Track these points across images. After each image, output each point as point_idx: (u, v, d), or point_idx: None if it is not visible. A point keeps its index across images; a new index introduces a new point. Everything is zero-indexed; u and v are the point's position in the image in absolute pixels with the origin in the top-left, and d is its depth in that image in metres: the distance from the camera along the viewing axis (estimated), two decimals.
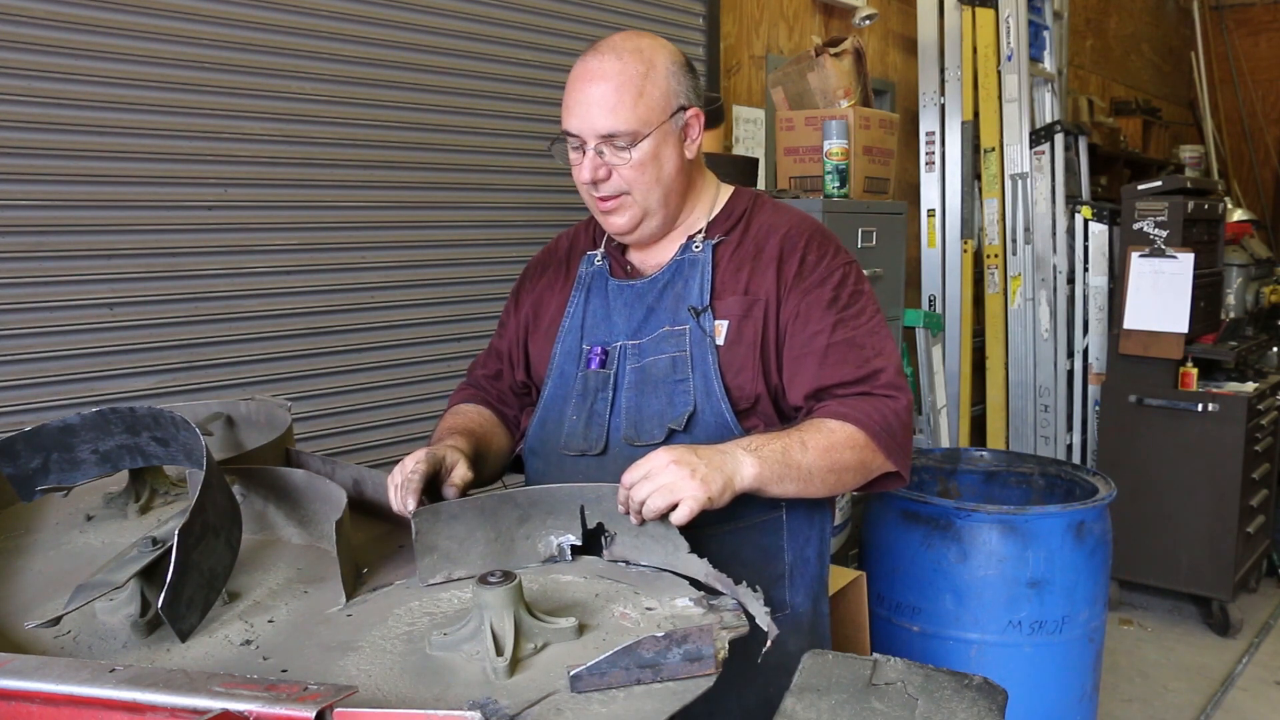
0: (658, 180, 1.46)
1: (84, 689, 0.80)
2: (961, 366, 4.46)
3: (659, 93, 1.43)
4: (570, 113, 1.44)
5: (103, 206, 2.09)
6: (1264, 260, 4.83)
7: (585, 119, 1.42)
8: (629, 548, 1.25)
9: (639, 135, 1.41)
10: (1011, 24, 4.39)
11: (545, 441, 1.55)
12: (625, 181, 1.45)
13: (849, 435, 1.36)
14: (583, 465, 1.48)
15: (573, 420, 1.50)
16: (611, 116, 1.40)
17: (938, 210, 4.46)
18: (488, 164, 2.80)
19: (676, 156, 1.47)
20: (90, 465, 1.33)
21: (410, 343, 2.67)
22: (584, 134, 1.43)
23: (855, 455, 1.37)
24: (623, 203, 1.47)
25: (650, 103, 1.42)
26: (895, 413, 1.40)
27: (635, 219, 1.49)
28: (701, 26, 3.45)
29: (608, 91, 1.40)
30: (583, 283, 1.59)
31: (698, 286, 1.49)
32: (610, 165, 1.44)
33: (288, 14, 2.34)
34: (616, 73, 1.41)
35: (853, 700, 0.93)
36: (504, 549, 1.24)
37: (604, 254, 1.60)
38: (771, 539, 1.49)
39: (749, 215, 1.55)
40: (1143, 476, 3.97)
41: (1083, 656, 2.66)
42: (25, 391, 2.01)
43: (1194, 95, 7.95)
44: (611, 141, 1.42)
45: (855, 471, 1.39)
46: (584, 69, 1.44)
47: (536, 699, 0.90)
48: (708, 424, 1.44)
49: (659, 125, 1.43)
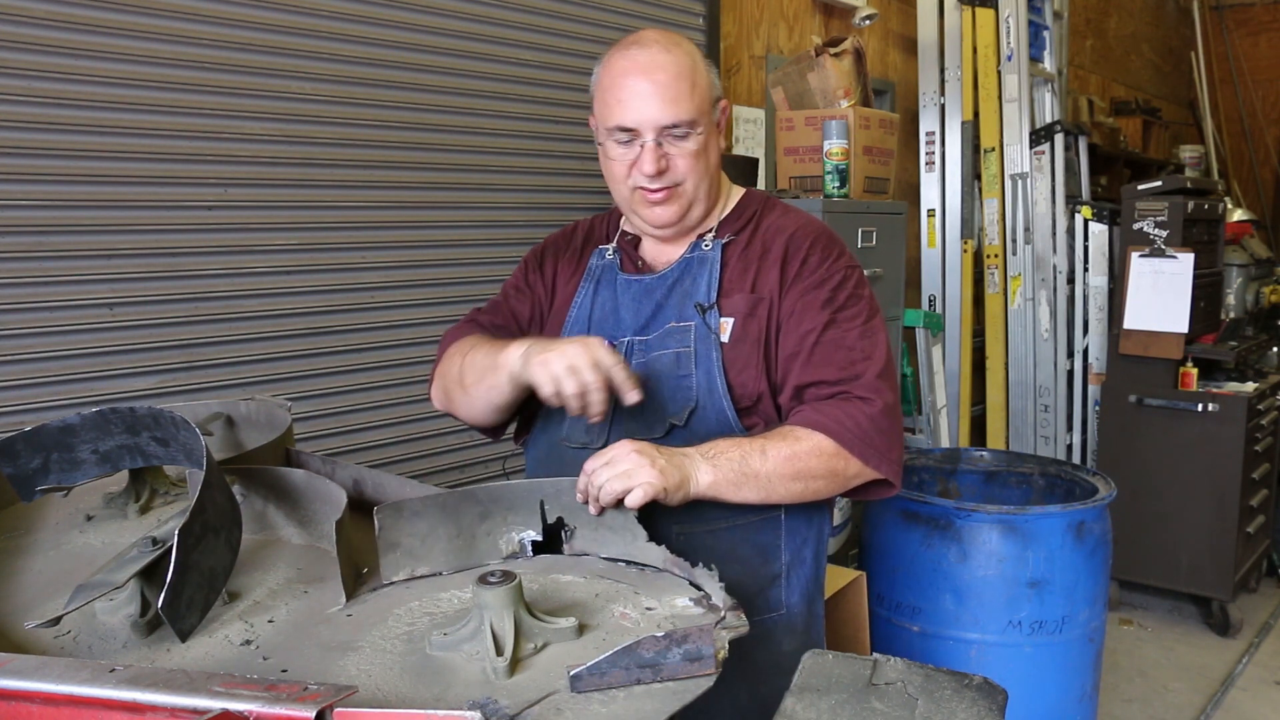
0: (706, 171, 1.49)
1: (84, 689, 0.80)
2: (961, 366, 4.46)
3: (705, 83, 1.46)
4: (625, 107, 1.43)
5: (103, 206, 2.09)
6: (1264, 260, 4.83)
7: (644, 111, 1.42)
8: (589, 541, 1.26)
9: (696, 124, 1.44)
10: (1011, 24, 4.39)
11: (547, 432, 1.56)
12: (681, 172, 1.46)
13: (815, 444, 1.35)
14: (584, 458, 1.48)
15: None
16: (674, 107, 1.42)
17: (938, 210, 4.46)
18: (488, 164, 2.80)
19: (719, 148, 1.52)
20: (90, 465, 1.32)
21: (410, 343, 2.67)
22: (643, 126, 1.43)
23: (823, 463, 1.35)
24: (674, 194, 1.48)
25: (702, 93, 1.45)
26: (870, 417, 1.37)
27: (683, 209, 1.50)
28: (701, 26, 3.45)
29: (667, 82, 1.41)
30: (592, 275, 1.59)
31: (705, 283, 1.49)
32: (669, 156, 1.44)
33: (288, 14, 2.34)
34: (672, 64, 1.42)
35: (853, 700, 0.93)
36: (465, 545, 1.24)
37: (615, 248, 1.60)
38: (769, 538, 1.49)
39: (759, 216, 1.56)
40: (1143, 476, 3.97)
41: (1083, 656, 2.66)
42: (25, 391, 2.01)
43: (1194, 95, 7.95)
44: (670, 132, 1.43)
45: (824, 479, 1.37)
46: (632, 63, 1.43)
47: (536, 699, 0.90)
48: (709, 420, 1.44)
49: (708, 115, 1.46)
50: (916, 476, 3.11)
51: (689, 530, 1.41)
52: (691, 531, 1.41)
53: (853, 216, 3.02)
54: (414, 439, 2.66)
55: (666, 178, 1.46)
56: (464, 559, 1.23)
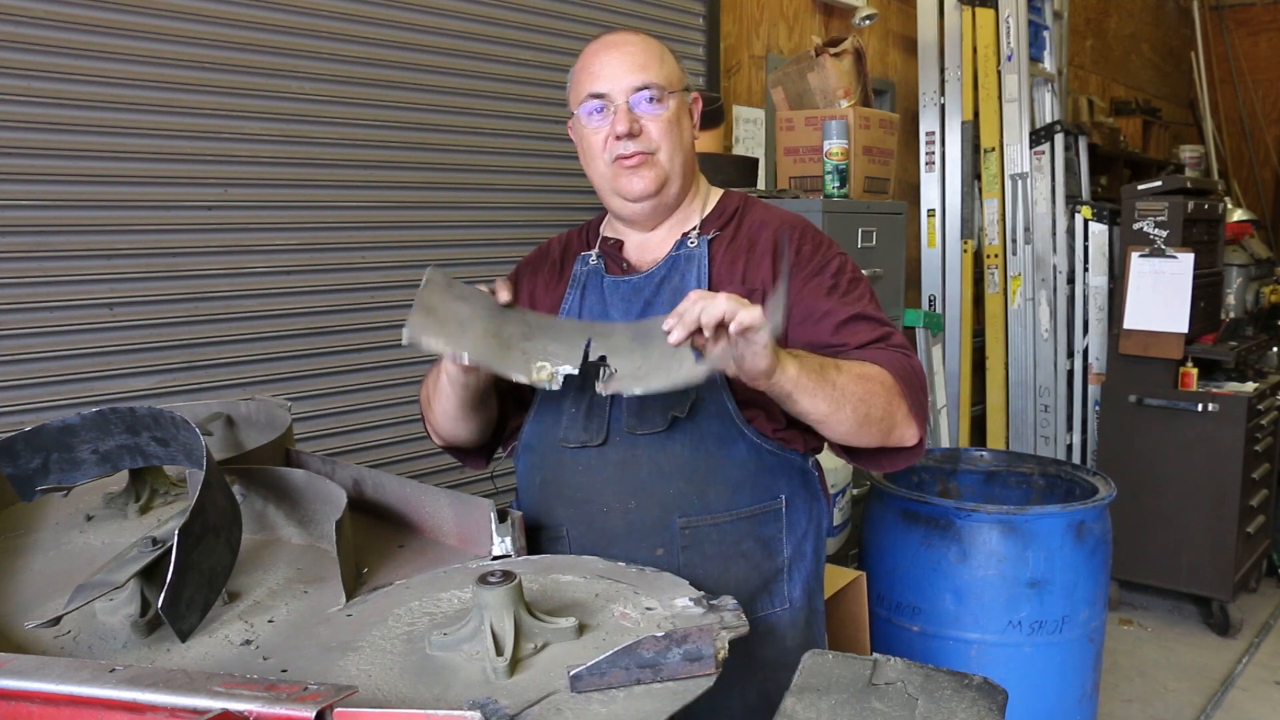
0: (680, 145, 1.52)
1: (84, 689, 0.80)
2: (961, 366, 4.46)
3: (674, 65, 1.54)
4: (597, 76, 1.49)
5: (103, 206, 2.09)
6: (1264, 260, 4.83)
7: (615, 77, 1.48)
8: (628, 378, 1.26)
9: (667, 90, 1.49)
10: (1011, 24, 4.39)
11: (542, 437, 1.55)
12: (654, 138, 1.49)
13: (879, 373, 1.37)
14: (583, 457, 1.48)
15: (571, 413, 1.50)
16: (643, 71, 1.48)
17: (938, 210, 4.46)
18: (487, 164, 2.80)
19: (690, 131, 1.55)
20: (90, 465, 1.33)
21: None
22: (614, 91, 1.48)
23: (883, 396, 1.37)
24: (648, 161, 1.49)
25: (671, 68, 1.52)
26: (914, 369, 1.42)
27: (659, 179, 1.50)
28: (701, 26, 3.45)
29: (636, 51, 1.49)
30: (578, 281, 1.59)
31: (695, 278, 1.50)
32: (641, 119, 1.48)
33: (288, 14, 2.34)
34: (639, 39, 1.52)
35: (853, 700, 0.93)
36: (498, 349, 1.24)
37: (599, 253, 1.60)
38: (771, 530, 1.49)
39: (741, 213, 1.58)
40: (1143, 476, 3.97)
41: (1083, 656, 2.66)
42: (25, 391, 2.01)
43: (1194, 95, 7.95)
44: (642, 94, 1.48)
45: (881, 412, 1.37)
46: (601, 44, 1.52)
47: (536, 699, 0.90)
48: (709, 413, 1.45)
49: (678, 90, 1.52)
50: (916, 476, 3.11)
51: (694, 524, 1.43)
52: (697, 525, 1.43)
53: (853, 216, 3.02)
54: (414, 439, 2.65)
55: (640, 142, 1.48)
56: (490, 357, 1.23)
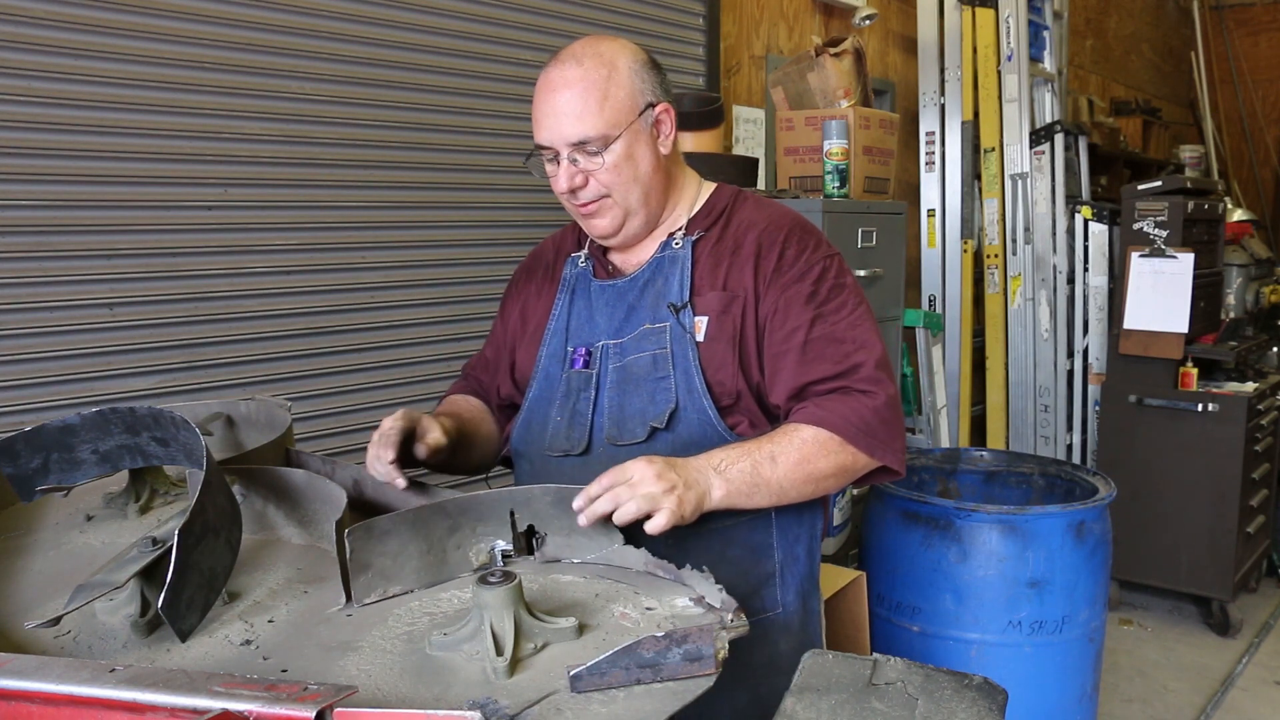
0: (635, 179, 1.46)
1: (84, 689, 0.80)
2: (961, 366, 4.46)
3: (624, 93, 1.43)
4: (539, 126, 1.44)
5: (103, 206, 2.09)
6: (1264, 260, 4.83)
7: (554, 129, 1.42)
8: (561, 547, 1.25)
9: (609, 138, 1.42)
10: (1011, 24, 4.39)
11: (530, 443, 1.55)
12: (603, 185, 1.45)
13: (823, 443, 1.36)
14: (567, 466, 1.48)
15: (556, 421, 1.50)
16: (579, 123, 1.40)
17: (938, 210, 4.46)
18: (487, 164, 2.80)
19: (651, 154, 1.47)
20: (90, 465, 1.32)
21: (410, 343, 2.67)
22: (555, 144, 1.43)
23: (831, 461, 1.36)
24: (603, 205, 1.47)
25: (616, 104, 1.42)
26: (874, 410, 1.38)
27: (618, 220, 1.49)
28: (701, 26, 3.45)
29: (572, 99, 1.40)
30: (567, 285, 1.60)
31: (677, 283, 1.49)
32: (586, 171, 1.44)
33: (288, 14, 2.34)
34: (579, 79, 1.41)
35: (853, 700, 0.93)
36: (437, 561, 1.22)
37: (587, 255, 1.60)
38: (760, 537, 1.49)
39: (730, 211, 1.55)
40: (1143, 476, 3.97)
41: (1083, 656, 2.66)
42: (25, 391, 2.01)
43: (1194, 95, 7.95)
44: (583, 148, 1.42)
45: (833, 477, 1.39)
46: (546, 80, 1.44)
47: (536, 699, 0.90)
48: (690, 421, 1.43)
49: (629, 125, 1.43)
50: (916, 476, 3.11)
51: (676, 534, 1.41)
52: (682, 536, 1.40)
53: (853, 216, 3.02)
54: None
55: (587, 192, 1.46)
56: (436, 574, 1.21)
